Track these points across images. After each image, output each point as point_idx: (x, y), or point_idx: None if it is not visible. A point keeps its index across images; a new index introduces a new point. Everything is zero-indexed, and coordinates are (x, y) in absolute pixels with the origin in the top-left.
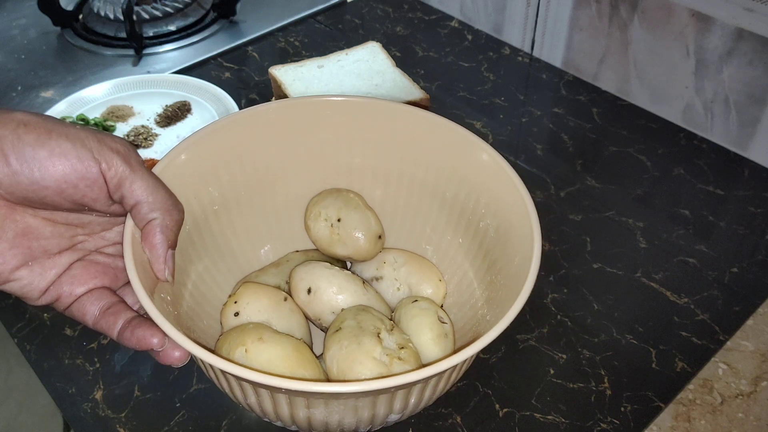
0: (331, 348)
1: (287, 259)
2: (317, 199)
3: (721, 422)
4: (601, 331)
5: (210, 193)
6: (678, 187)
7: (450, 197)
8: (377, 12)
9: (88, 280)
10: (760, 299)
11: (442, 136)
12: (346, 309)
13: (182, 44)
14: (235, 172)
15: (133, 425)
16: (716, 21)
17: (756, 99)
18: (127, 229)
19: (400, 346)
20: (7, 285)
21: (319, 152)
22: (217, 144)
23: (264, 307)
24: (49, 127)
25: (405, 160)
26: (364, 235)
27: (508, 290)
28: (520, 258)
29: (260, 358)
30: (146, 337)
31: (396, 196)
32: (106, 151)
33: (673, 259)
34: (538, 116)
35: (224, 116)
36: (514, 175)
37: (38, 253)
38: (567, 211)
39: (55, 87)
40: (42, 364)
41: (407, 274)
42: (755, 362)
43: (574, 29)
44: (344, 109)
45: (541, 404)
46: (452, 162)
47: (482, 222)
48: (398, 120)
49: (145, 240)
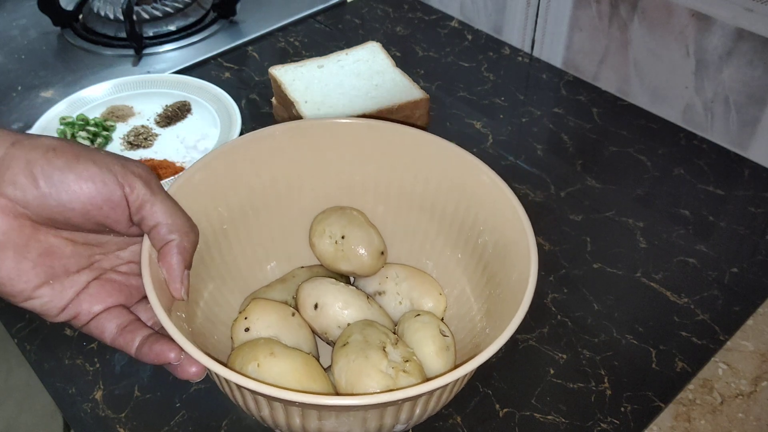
0: (339, 362)
1: (293, 275)
2: (321, 216)
3: (721, 422)
4: (601, 331)
5: (219, 213)
6: (678, 187)
7: (449, 215)
8: (377, 12)
9: (104, 298)
10: (760, 299)
11: (441, 157)
12: (352, 324)
13: (182, 44)
14: (243, 192)
15: (133, 425)
16: (716, 21)
17: (756, 99)
18: (144, 250)
19: (405, 359)
20: (29, 302)
21: (323, 172)
22: (225, 166)
23: (273, 322)
24: (76, 152)
25: (405, 179)
26: (367, 251)
27: (507, 304)
28: (517, 274)
29: (272, 371)
30: (164, 351)
31: (397, 213)
32: (129, 176)
33: (673, 259)
34: (538, 116)
35: (232, 140)
36: (511, 194)
37: (59, 271)
38: (567, 211)
39: (55, 87)
40: (42, 364)
41: (409, 288)
42: (755, 362)
43: (574, 29)
44: (347, 131)
45: (541, 404)
46: (451, 182)
47: (480, 238)
48: (399, 141)
49: (162, 260)
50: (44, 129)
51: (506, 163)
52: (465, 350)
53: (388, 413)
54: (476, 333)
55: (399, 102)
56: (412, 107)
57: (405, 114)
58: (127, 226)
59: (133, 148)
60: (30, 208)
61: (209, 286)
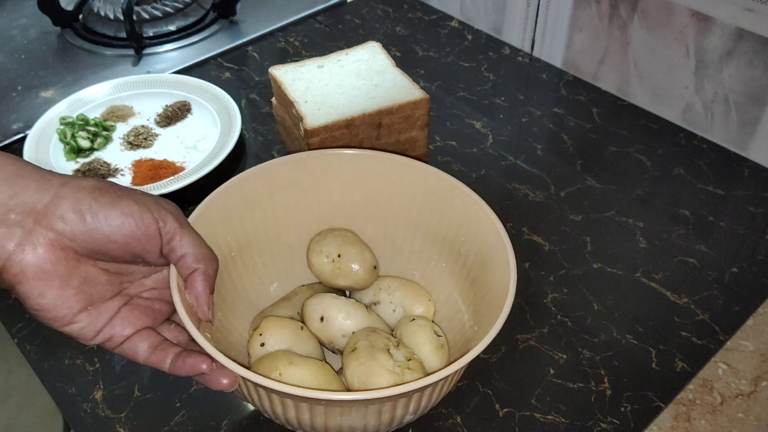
0: (350, 365)
1: (295, 293)
2: (318, 238)
3: (721, 422)
4: (601, 331)
5: (228, 242)
6: (678, 187)
7: (432, 229)
8: (377, 12)
9: (134, 321)
10: (760, 299)
11: (423, 180)
12: (358, 331)
13: (182, 44)
14: (247, 221)
15: (133, 425)
16: (716, 21)
17: (756, 99)
18: (172, 279)
19: (408, 358)
20: (69, 327)
21: (317, 198)
22: (232, 199)
23: (285, 336)
24: (118, 192)
25: (392, 201)
26: (361, 267)
27: (491, 305)
28: (498, 276)
29: (293, 378)
30: (197, 363)
31: (385, 230)
32: (162, 211)
33: (673, 259)
34: (538, 116)
35: (238, 175)
36: (486, 207)
37: (96, 298)
38: (567, 211)
39: (55, 87)
40: (42, 364)
41: (401, 297)
42: (755, 362)
43: (574, 29)
44: (339, 161)
45: (541, 404)
46: (432, 201)
47: (462, 248)
48: (386, 168)
49: (190, 287)
50: (44, 129)
51: (506, 163)
52: (456, 347)
53: (400, 405)
54: (465, 331)
55: (399, 102)
56: (412, 107)
57: (405, 114)
58: (157, 256)
59: (133, 148)
60: (76, 242)
61: (222, 308)
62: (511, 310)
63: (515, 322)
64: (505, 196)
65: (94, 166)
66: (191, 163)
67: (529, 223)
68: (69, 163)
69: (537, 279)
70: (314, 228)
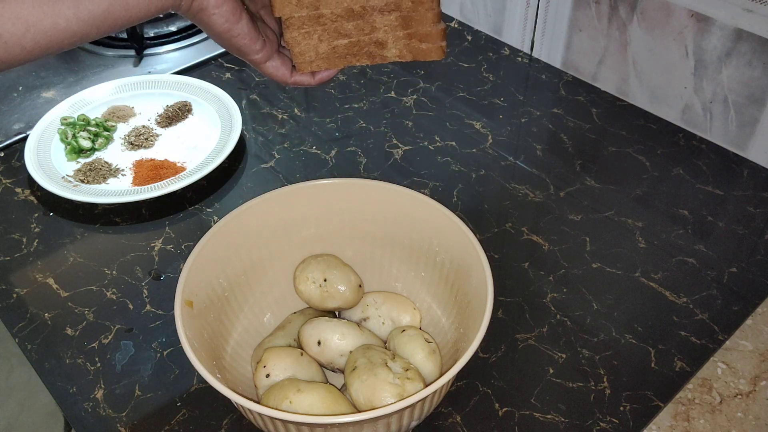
0: (354, 384)
1: (289, 320)
2: (302, 266)
3: (720, 421)
4: (601, 331)
5: (221, 284)
6: (677, 187)
7: (407, 244)
8: None
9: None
10: (759, 299)
11: (395, 200)
12: (354, 350)
13: (183, 45)
14: (235, 262)
15: (133, 424)
16: (715, 21)
17: (755, 99)
18: (180, 331)
19: (405, 368)
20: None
21: (298, 230)
22: (220, 243)
23: (288, 364)
24: None
25: (367, 222)
26: (347, 287)
27: (472, 307)
28: (476, 280)
29: (303, 405)
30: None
31: (364, 250)
32: None
33: (672, 259)
34: (538, 116)
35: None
36: (454, 217)
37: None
38: (566, 211)
39: (57, 87)
40: (43, 363)
41: (388, 309)
42: (754, 362)
43: (574, 30)
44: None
45: (540, 403)
46: (405, 217)
47: (438, 257)
48: (361, 193)
49: None
50: (45, 129)
51: (506, 163)
52: (446, 349)
53: (406, 414)
54: (453, 333)
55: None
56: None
57: None
58: None
59: (134, 148)
60: None
61: (228, 348)
62: (511, 309)
63: (515, 321)
64: (504, 196)
65: (95, 166)
66: (192, 163)
67: (528, 223)
68: (70, 163)
69: (536, 279)
70: (297, 257)
